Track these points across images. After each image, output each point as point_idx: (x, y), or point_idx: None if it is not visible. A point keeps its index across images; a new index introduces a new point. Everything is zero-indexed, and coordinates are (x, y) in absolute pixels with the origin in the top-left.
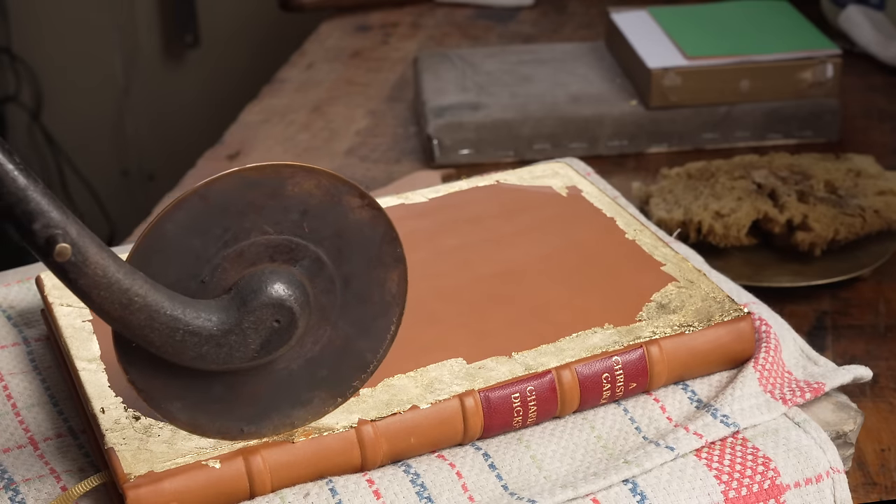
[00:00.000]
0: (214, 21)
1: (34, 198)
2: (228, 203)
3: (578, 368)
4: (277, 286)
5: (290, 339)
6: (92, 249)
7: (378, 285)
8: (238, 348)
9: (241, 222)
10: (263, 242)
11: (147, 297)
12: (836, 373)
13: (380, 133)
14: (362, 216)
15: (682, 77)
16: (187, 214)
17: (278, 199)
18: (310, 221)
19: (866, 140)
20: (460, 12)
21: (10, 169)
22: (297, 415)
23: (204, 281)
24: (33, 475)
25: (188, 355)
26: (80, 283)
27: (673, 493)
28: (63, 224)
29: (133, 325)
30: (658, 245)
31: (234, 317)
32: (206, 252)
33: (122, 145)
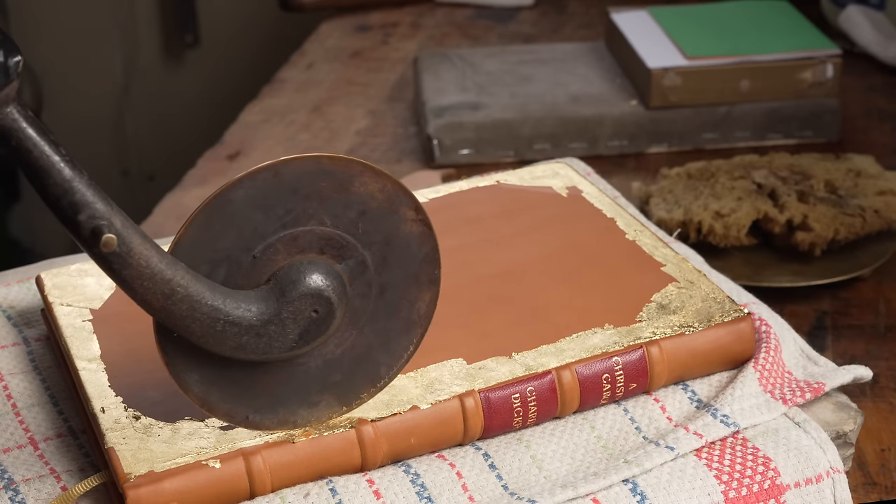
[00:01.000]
0: (214, 21)
1: (80, 189)
2: (299, 186)
3: (578, 369)
4: (316, 276)
5: (328, 329)
6: (136, 240)
7: (409, 302)
8: (277, 338)
9: (304, 207)
10: (318, 233)
11: (189, 287)
12: (837, 373)
13: (380, 133)
14: (413, 230)
15: (682, 77)
16: (258, 187)
17: (343, 194)
18: (365, 223)
19: (866, 140)
20: (460, 12)
21: (56, 160)
22: (301, 414)
23: (255, 256)
24: (33, 475)
25: (228, 345)
26: (124, 274)
27: (673, 493)
28: (108, 215)
29: (175, 315)
30: (658, 245)
31: (274, 307)
32: (264, 228)
33: (122, 145)
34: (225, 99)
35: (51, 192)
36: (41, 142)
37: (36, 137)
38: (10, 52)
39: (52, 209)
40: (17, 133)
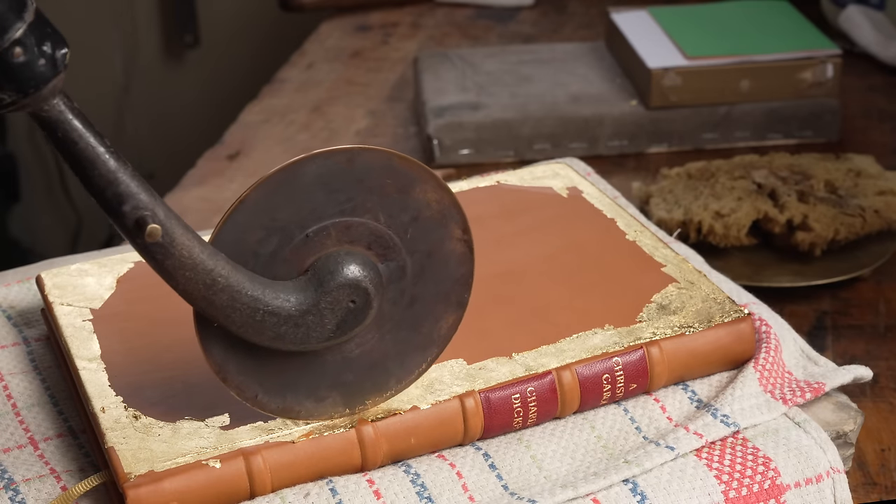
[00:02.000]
0: (214, 21)
1: (124, 180)
2: (366, 177)
3: (579, 369)
4: (353, 267)
5: (365, 319)
6: (178, 231)
7: (434, 319)
8: (315, 328)
9: (365, 199)
10: (371, 228)
11: (229, 277)
12: (837, 373)
13: (380, 133)
14: (456, 248)
15: (682, 77)
16: (329, 168)
17: (402, 196)
18: (415, 230)
19: (866, 140)
20: (460, 12)
21: (101, 152)
22: (306, 406)
23: (308, 236)
24: (33, 475)
25: (267, 335)
26: (167, 264)
27: (673, 493)
28: (152, 205)
29: (216, 305)
30: (658, 246)
31: (312, 297)
32: (323, 210)
33: (122, 145)
34: (225, 99)
35: (95, 182)
36: (86, 133)
37: (81, 129)
38: (57, 45)
39: (97, 200)
40: (63, 125)
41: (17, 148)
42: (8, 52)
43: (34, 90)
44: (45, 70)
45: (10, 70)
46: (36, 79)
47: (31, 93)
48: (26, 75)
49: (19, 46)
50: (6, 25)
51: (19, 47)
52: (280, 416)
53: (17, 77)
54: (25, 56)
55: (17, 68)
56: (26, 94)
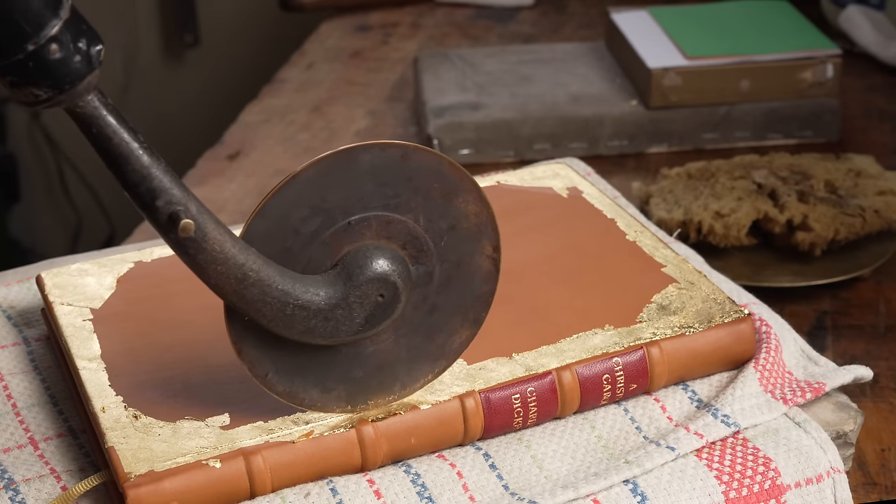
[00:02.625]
0: (214, 21)
1: (157, 175)
2: (415, 176)
3: (579, 370)
4: (382, 261)
5: (394, 313)
6: (210, 225)
7: (449, 332)
8: (344, 322)
9: (410, 198)
10: (410, 228)
11: (260, 272)
12: (837, 373)
13: (380, 133)
14: (483, 265)
15: (682, 77)
16: (383, 160)
17: (445, 202)
18: (450, 238)
19: (866, 140)
20: (460, 12)
21: (135, 147)
22: (311, 395)
23: (350, 223)
24: (33, 475)
25: (297, 329)
26: (199, 259)
27: (674, 493)
28: (184, 200)
29: (247, 299)
30: (659, 246)
31: (341, 291)
32: (369, 201)
33: None
34: (225, 99)
35: (129, 178)
36: (120, 129)
37: (116, 125)
38: (92, 41)
39: (130, 195)
40: (98, 120)
41: (17, 148)
42: (44, 49)
43: (70, 86)
44: (81, 66)
45: (46, 66)
46: (71, 75)
47: (66, 89)
48: (62, 72)
49: (55, 43)
50: (42, 22)
51: (55, 44)
52: (284, 400)
53: (53, 73)
54: (61, 52)
55: (53, 65)
56: (62, 90)
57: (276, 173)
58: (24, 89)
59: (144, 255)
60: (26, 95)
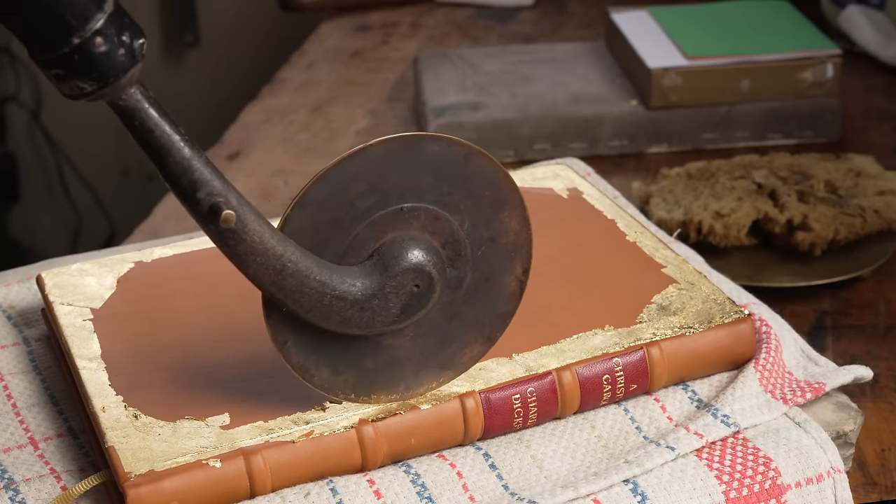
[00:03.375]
0: (214, 21)
1: (198, 167)
2: (471, 179)
3: (579, 370)
4: (417, 252)
5: (428, 303)
6: (250, 217)
7: (461, 344)
8: (380, 312)
9: (461, 200)
10: (454, 230)
11: (298, 263)
12: (837, 373)
13: (380, 133)
14: (510, 285)
15: (682, 77)
16: (446, 155)
17: (492, 213)
18: (487, 250)
19: (866, 140)
20: (460, 12)
21: (176, 139)
22: (321, 375)
23: (402, 209)
24: (33, 475)
25: (334, 319)
26: (239, 250)
27: (674, 493)
28: (225, 192)
29: (285, 289)
30: (659, 247)
31: (377, 282)
32: (424, 192)
33: (122, 145)
34: (225, 99)
35: (171, 170)
36: (162, 122)
37: (157, 117)
38: (135, 35)
39: (172, 187)
40: (140, 113)
41: (17, 148)
42: (89, 43)
43: (114, 79)
44: (124, 60)
45: (91, 60)
46: (116, 68)
47: (110, 82)
48: (106, 65)
49: (100, 36)
50: (87, 16)
51: (100, 37)
52: (296, 372)
53: (98, 67)
54: (106, 46)
55: (98, 58)
56: (106, 83)
57: (276, 173)
58: (70, 82)
59: (144, 255)
60: (71, 88)
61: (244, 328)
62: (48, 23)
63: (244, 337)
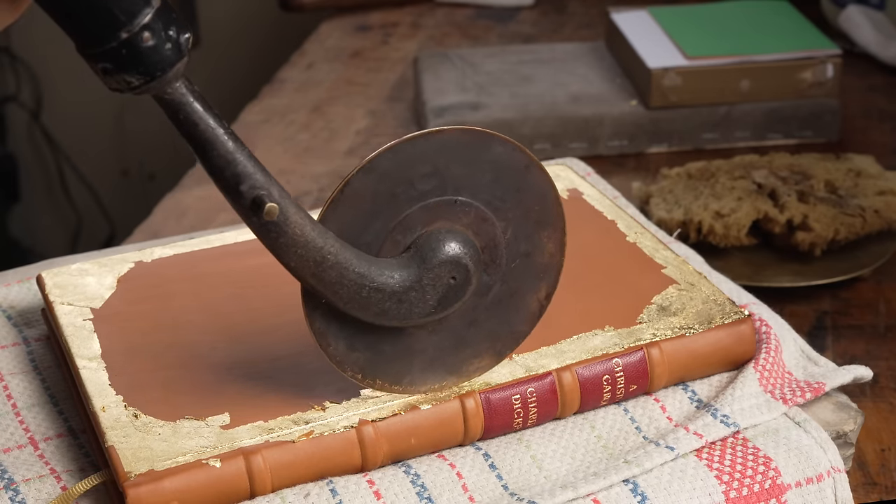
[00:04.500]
0: (214, 21)
1: (241, 160)
2: (526, 190)
3: (579, 370)
4: (454, 244)
5: (465, 295)
6: (292, 209)
7: (473, 353)
8: (417, 304)
9: (511, 210)
10: (496, 237)
11: (338, 255)
12: (837, 373)
13: (380, 133)
14: (531, 306)
15: (682, 77)
16: (508, 160)
17: (534, 229)
18: (520, 265)
19: (866, 140)
20: (460, 12)
21: (220, 133)
22: (337, 348)
23: (457, 202)
24: (33, 475)
25: (372, 311)
26: (281, 242)
27: (674, 493)
28: (267, 185)
29: (325, 281)
30: (659, 248)
31: (415, 274)
32: (479, 191)
33: (122, 145)
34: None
35: (215, 163)
36: (206, 115)
37: (202, 111)
38: (181, 30)
39: (215, 179)
40: (185, 107)
41: (17, 148)
42: (137, 37)
43: (161, 73)
44: (171, 54)
45: (139, 54)
46: (163, 62)
47: (157, 76)
48: (154, 59)
49: (148, 31)
50: (135, 11)
51: (148, 32)
52: (315, 337)
53: (145, 61)
54: (153, 40)
55: (146, 52)
56: (153, 77)
57: (276, 173)
58: (117, 76)
59: (145, 255)
60: (118, 82)
61: (244, 328)
62: (97, 17)
63: (244, 337)
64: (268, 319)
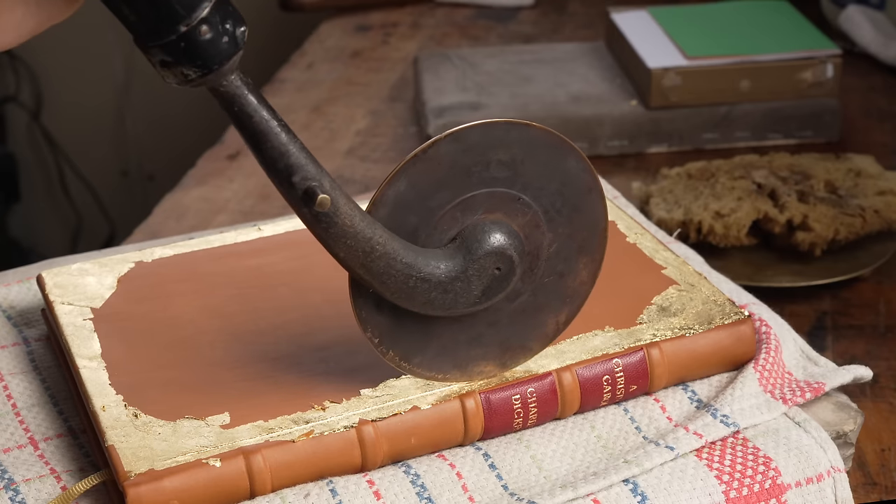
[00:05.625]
0: None
1: (294, 152)
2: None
3: (579, 371)
4: (499, 235)
5: (509, 285)
6: (342, 200)
7: (482, 354)
8: (462, 294)
9: (562, 225)
10: (541, 247)
11: (386, 245)
12: (837, 373)
13: (380, 133)
14: (548, 326)
15: (682, 77)
16: (575, 174)
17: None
18: (551, 283)
19: (866, 140)
20: (460, 12)
21: (273, 125)
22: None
23: (521, 200)
24: (33, 475)
25: (418, 301)
26: (331, 232)
27: (674, 493)
28: (319, 177)
29: (373, 271)
30: (659, 248)
31: (461, 264)
32: (542, 196)
33: (122, 145)
34: None
35: (268, 154)
36: (260, 108)
37: (256, 103)
38: (237, 23)
39: (268, 171)
40: (240, 99)
41: (17, 148)
42: (195, 30)
43: (217, 66)
44: (228, 47)
45: (197, 47)
46: (220, 55)
47: (214, 69)
48: (211, 52)
49: (206, 24)
50: (194, 4)
51: (206, 25)
52: (350, 295)
53: (203, 54)
54: (211, 34)
55: (204, 45)
56: (210, 69)
57: None
58: (175, 69)
59: (145, 255)
60: (176, 75)
61: (244, 328)
62: (157, 11)
63: (244, 337)
64: (268, 319)
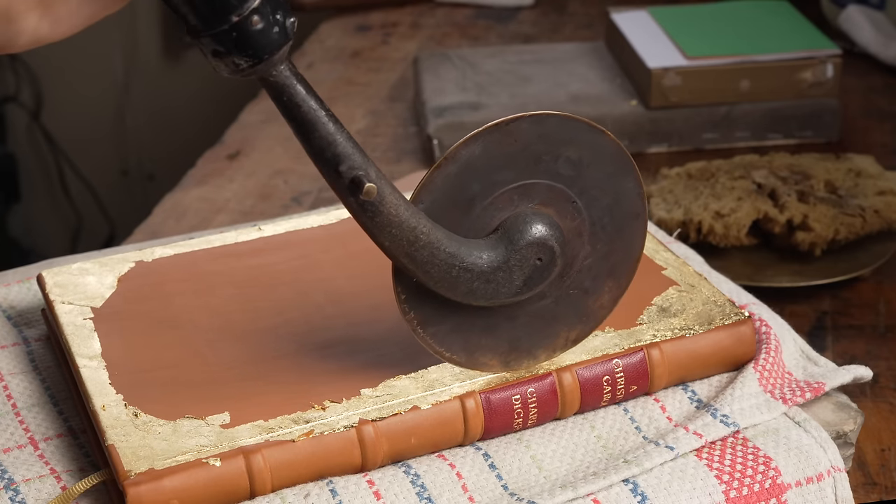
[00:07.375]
0: None
1: (341, 142)
2: (623, 233)
3: (579, 371)
4: (540, 226)
5: (550, 276)
6: (388, 190)
7: (492, 345)
8: (504, 284)
9: (602, 241)
10: (578, 255)
11: (430, 234)
12: (837, 373)
13: (380, 133)
14: (558, 339)
15: (682, 77)
16: (628, 195)
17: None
18: (576, 295)
19: (866, 140)
20: (460, 12)
21: (321, 115)
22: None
23: (574, 203)
24: (33, 475)
25: (461, 290)
26: (377, 221)
27: (674, 493)
28: (365, 166)
29: (417, 260)
30: (659, 249)
31: (503, 254)
32: (592, 205)
33: (122, 145)
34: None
35: (316, 143)
36: (308, 98)
37: (304, 94)
38: (287, 14)
39: (316, 160)
40: (288, 89)
41: (17, 148)
42: (247, 21)
43: (268, 56)
44: (278, 37)
45: (248, 37)
46: (270, 45)
47: (265, 59)
48: (262, 42)
49: (257, 14)
50: None
51: (257, 15)
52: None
53: (254, 44)
54: (262, 24)
55: (255, 35)
56: (261, 59)
57: (275, 173)
58: (226, 59)
59: (145, 255)
60: (227, 65)
61: (244, 328)
62: (211, 2)
63: (244, 336)
64: (268, 319)
